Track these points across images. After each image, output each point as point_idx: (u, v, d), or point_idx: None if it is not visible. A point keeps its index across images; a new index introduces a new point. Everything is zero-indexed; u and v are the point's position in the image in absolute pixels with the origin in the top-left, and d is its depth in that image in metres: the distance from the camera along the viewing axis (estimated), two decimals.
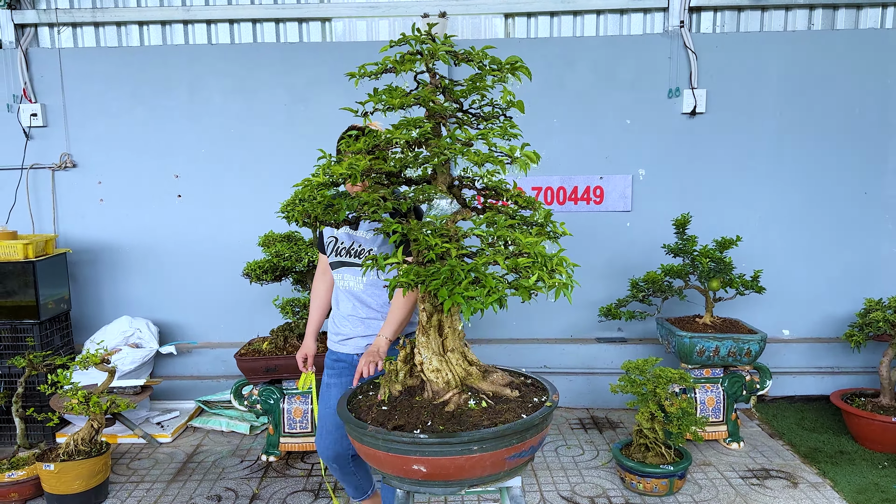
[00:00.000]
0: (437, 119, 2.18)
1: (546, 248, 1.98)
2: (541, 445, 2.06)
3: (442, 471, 1.95)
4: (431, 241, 1.99)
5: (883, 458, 4.25)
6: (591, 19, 5.19)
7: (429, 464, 1.93)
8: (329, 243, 3.04)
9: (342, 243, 2.99)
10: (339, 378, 3.05)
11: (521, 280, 1.88)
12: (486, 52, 2.18)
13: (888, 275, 5.21)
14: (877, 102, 5.04)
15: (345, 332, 3.02)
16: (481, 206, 2.24)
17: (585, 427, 4.85)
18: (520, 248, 1.94)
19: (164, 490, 3.99)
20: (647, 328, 5.24)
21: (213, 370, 5.29)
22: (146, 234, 5.25)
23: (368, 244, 2.94)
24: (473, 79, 2.15)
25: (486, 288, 1.84)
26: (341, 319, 3.04)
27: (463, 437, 1.90)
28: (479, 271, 1.89)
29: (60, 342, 4.81)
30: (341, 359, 3.06)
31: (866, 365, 5.19)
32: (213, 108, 5.12)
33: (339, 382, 3.04)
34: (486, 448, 1.92)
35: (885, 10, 5.08)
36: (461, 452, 1.91)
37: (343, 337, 3.03)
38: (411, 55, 2.14)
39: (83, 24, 5.21)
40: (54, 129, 5.13)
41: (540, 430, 2.04)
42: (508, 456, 1.96)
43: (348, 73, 2.24)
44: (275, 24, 5.22)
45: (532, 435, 2.00)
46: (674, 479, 3.77)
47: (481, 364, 2.24)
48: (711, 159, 5.13)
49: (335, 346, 3.07)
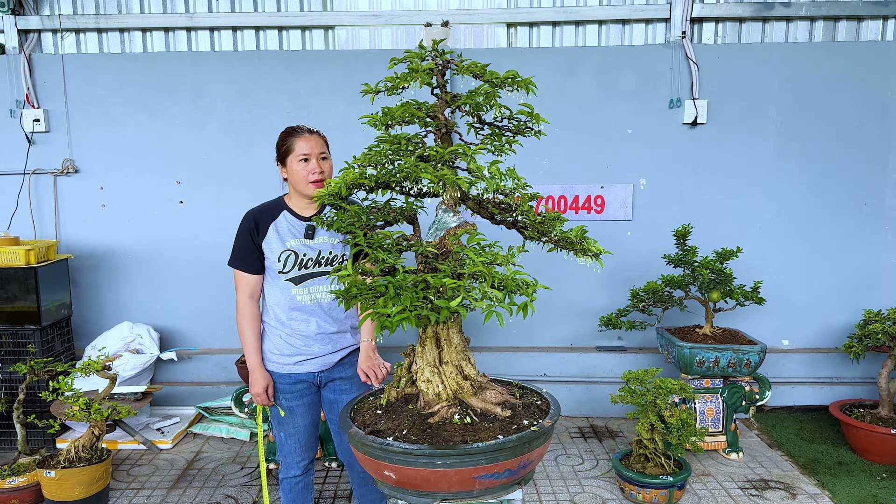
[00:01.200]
0: (443, 132, 2.19)
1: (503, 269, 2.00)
2: (524, 468, 2.01)
3: (409, 480, 1.99)
4: (380, 256, 2.01)
5: (881, 469, 4.26)
6: (593, 29, 5.21)
7: (397, 471, 1.98)
8: (285, 258, 2.85)
9: (305, 255, 2.85)
10: (302, 399, 2.96)
11: (440, 301, 1.89)
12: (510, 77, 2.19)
13: (887, 286, 5.23)
14: (877, 114, 5.06)
15: (311, 351, 2.90)
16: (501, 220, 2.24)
17: (585, 436, 4.86)
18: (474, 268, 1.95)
19: (165, 497, 3.99)
20: (647, 337, 5.26)
21: (213, 376, 5.30)
22: (148, 239, 5.26)
23: (340, 249, 2.86)
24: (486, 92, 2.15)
25: (401, 305, 1.86)
26: (304, 339, 2.88)
27: (425, 450, 1.92)
28: (407, 288, 1.91)
29: (61, 347, 4.82)
30: (302, 379, 2.93)
31: (865, 376, 5.21)
32: (216, 114, 5.14)
33: (303, 403, 2.97)
34: (451, 464, 1.92)
35: (886, 23, 5.11)
36: (424, 465, 1.93)
37: (306, 357, 2.90)
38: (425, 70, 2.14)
39: (86, 31, 5.23)
40: (57, 135, 5.14)
41: (517, 453, 1.98)
42: (477, 475, 1.95)
43: (363, 90, 2.22)
44: (278, 31, 5.24)
45: (506, 458, 1.96)
46: (673, 490, 3.78)
47: (479, 379, 2.22)
48: (712, 169, 5.15)
49: (291, 367, 2.91)
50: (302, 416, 2.98)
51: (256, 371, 2.93)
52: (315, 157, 2.83)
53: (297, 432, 3.00)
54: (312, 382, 2.97)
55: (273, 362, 2.94)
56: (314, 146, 2.84)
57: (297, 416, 2.98)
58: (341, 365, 2.97)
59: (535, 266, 5.44)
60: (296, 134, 2.87)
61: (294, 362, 2.91)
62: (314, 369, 2.92)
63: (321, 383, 3.00)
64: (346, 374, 2.98)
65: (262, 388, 2.91)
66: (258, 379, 2.92)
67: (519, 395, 2.33)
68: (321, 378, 2.97)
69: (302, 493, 3.11)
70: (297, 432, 3.00)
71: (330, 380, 2.98)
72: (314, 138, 2.87)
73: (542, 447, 2.06)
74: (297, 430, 3.00)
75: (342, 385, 2.97)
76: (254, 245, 2.89)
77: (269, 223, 2.90)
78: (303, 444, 3.03)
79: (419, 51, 2.18)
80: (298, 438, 3.01)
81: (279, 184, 5.09)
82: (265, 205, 2.99)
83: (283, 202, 2.96)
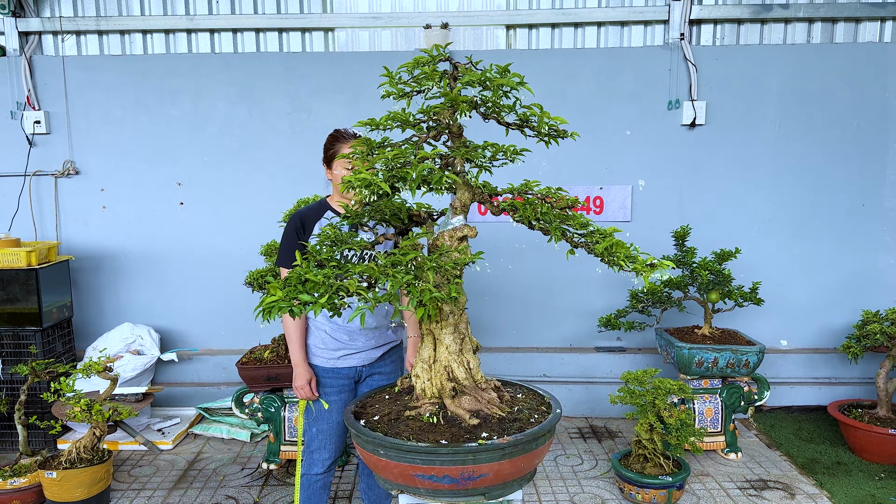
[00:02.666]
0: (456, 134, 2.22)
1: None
2: (471, 480, 1.97)
3: (367, 461, 2.13)
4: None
5: (879, 469, 4.28)
6: (592, 31, 5.23)
7: (360, 450, 2.16)
8: None
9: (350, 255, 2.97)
10: (340, 395, 3.05)
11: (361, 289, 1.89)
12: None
13: (885, 286, 5.24)
14: (875, 115, 5.07)
15: (355, 345, 3.00)
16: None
17: (584, 436, 4.88)
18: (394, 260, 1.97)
19: (166, 498, 4.01)
20: (646, 337, 5.27)
21: (214, 377, 5.31)
22: (148, 241, 5.27)
23: (381, 247, 2.92)
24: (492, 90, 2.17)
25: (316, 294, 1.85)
26: (349, 333, 2.99)
27: (368, 436, 2.05)
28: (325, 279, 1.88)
29: (62, 349, 4.83)
30: (344, 374, 3.04)
31: (863, 376, 5.23)
32: (216, 116, 5.15)
33: (340, 399, 3.05)
34: (390, 456, 2.00)
35: (884, 24, 5.13)
36: (371, 451, 2.06)
37: (350, 351, 3.01)
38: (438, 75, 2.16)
39: (87, 33, 5.25)
40: (57, 137, 5.16)
41: (455, 462, 1.96)
42: (414, 473, 1.99)
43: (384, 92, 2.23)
44: (278, 33, 5.26)
45: (443, 464, 1.96)
46: (672, 490, 3.80)
47: (465, 382, 2.21)
48: (711, 171, 5.17)
49: (334, 362, 3.02)
50: (337, 412, 3.06)
51: (300, 365, 3.02)
52: None
53: (330, 428, 3.07)
54: (353, 378, 3.07)
55: (318, 356, 3.04)
56: None
57: (332, 412, 3.05)
58: (382, 360, 3.09)
59: (534, 266, 5.44)
60: (342, 139, 2.97)
61: (339, 356, 3.01)
62: (357, 364, 3.03)
63: (361, 378, 3.10)
64: (385, 369, 3.11)
65: (304, 380, 3.00)
66: (301, 373, 3.01)
67: (518, 407, 2.25)
68: (362, 372, 3.07)
69: (319, 492, 3.17)
70: (329, 428, 3.07)
71: (370, 374, 3.09)
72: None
73: (496, 464, 1.99)
74: (330, 426, 3.07)
75: (380, 379, 3.08)
76: (301, 245, 2.98)
77: (314, 222, 2.98)
78: (332, 441, 3.10)
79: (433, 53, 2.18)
80: (329, 435, 3.08)
81: (278, 186, 5.14)
82: (310, 206, 3.08)
83: (326, 203, 3.05)
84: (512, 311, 5.33)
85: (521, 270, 5.27)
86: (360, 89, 5.07)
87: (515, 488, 2.14)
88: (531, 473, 2.19)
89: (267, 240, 4.48)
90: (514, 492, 2.15)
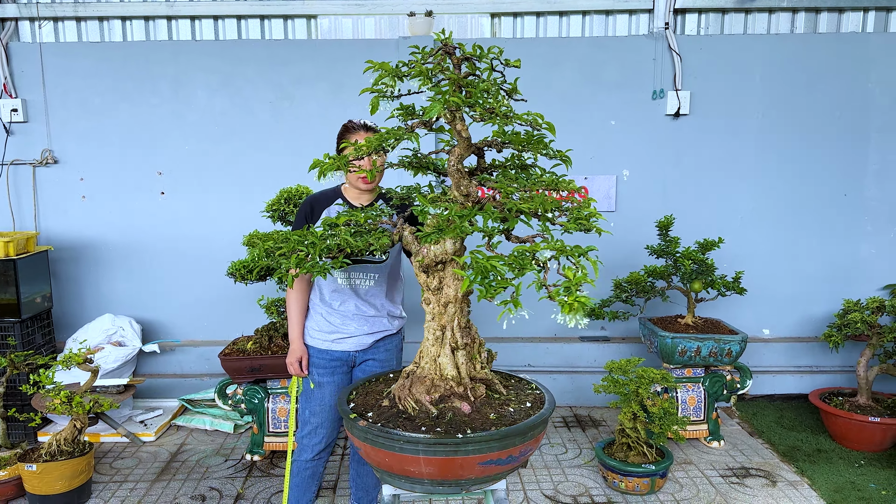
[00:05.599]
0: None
1: None
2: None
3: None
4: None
5: (859, 456, 4.33)
6: (577, 20, 5.21)
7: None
8: None
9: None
10: (333, 376, 3.10)
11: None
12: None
13: (866, 275, 5.29)
14: (857, 106, 5.10)
15: (347, 330, 3.05)
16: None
17: (569, 425, 4.89)
18: None
19: (148, 489, 3.98)
20: (630, 327, 5.29)
21: (196, 368, 5.27)
22: (129, 231, 5.21)
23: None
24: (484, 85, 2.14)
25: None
26: (342, 318, 3.04)
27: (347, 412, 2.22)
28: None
29: (42, 340, 4.77)
30: (338, 357, 3.08)
31: (844, 364, 5.28)
32: (197, 104, 5.09)
33: (333, 381, 3.10)
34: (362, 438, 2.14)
35: (867, 15, 5.15)
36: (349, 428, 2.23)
37: (343, 335, 3.05)
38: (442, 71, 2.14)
39: (65, 19, 5.16)
40: (35, 125, 5.07)
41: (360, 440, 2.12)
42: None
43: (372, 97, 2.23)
44: (260, 20, 5.20)
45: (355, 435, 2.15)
46: (655, 478, 3.82)
47: (441, 377, 2.23)
48: (695, 160, 5.18)
49: (329, 344, 3.07)
50: (330, 393, 3.11)
51: (295, 342, 3.12)
52: (367, 156, 2.97)
53: (323, 410, 3.12)
54: (346, 362, 3.11)
55: (313, 338, 3.10)
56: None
57: (325, 393, 3.10)
58: (375, 347, 3.12)
59: None
60: (353, 130, 3.00)
61: (332, 339, 3.06)
62: (350, 348, 3.07)
63: (355, 363, 3.14)
64: (379, 356, 3.14)
65: (296, 357, 3.10)
66: (294, 350, 3.11)
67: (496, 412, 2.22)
68: (355, 358, 3.11)
69: (307, 481, 3.20)
70: (322, 410, 3.12)
71: (363, 360, 3.13)
72: (369, 135, 2.98)
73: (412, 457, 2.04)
74: (323, 408, 3.11)
75: (373, 366, 3.12)
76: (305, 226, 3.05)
77: (323, 208, 3.05)
78: (325, 424, 3.14)
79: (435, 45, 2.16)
80: (323, 418, 3.12)
81: (261, 175, 5.09)
82: (325, 191, 3.13)
83: (340, 191, 3.10)
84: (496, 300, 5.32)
85: None
86: (344, 77, 5.02)
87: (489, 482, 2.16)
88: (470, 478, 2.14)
89: (249, 230, 4.43)
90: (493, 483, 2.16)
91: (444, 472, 2.02)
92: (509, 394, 2.36)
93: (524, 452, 2.13)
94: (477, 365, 2.31)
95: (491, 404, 2.24)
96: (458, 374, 2.25)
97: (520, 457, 2.12)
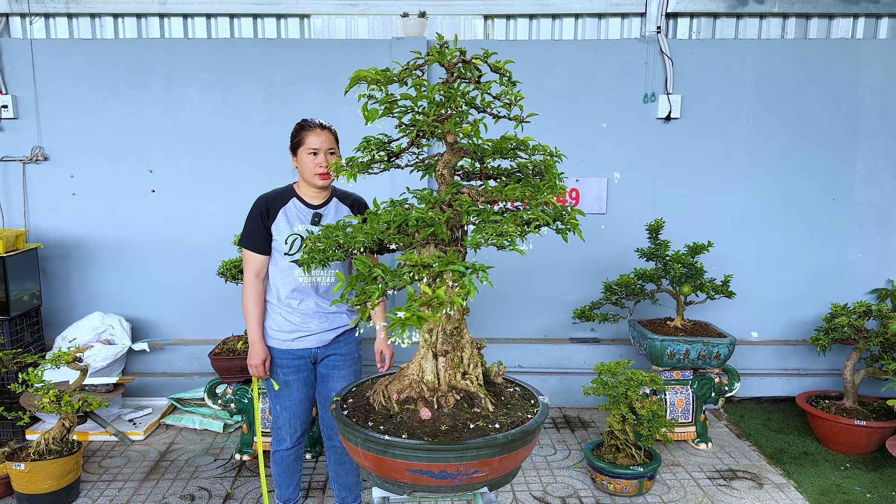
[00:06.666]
0: None
1: None
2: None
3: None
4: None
5: (845, 459, 4.37)
6: (570, 23, 5.23)
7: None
8: (291, 241, 3.05)
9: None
10: (298, 374, 3.17)
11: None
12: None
13: (854, 280, 5.34)
14: (846, 111, 5.14)
15: (308, 328, 3.10)
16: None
17: (558, 426, 4.92)
18: None
19: (137, 489, 3.97)
20: (620, 328, 5.32)
21: (186, 367, 5.26)
22: (119, 229, 5.19)
23: None
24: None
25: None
26: (302, 316, 3.09)
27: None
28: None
29: (31, 338, 4.75)
30: (300, 355, 3.14)
31: (831, 367, 5.32)
32: (189, 102, 5.07)
33: (299, 378, 3.17)
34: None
35: (856, 21, 5.19)
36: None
37: (304, 333, 3.11)
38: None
39: (56, 15, 5.13)
40: (25, 122, 5.04)
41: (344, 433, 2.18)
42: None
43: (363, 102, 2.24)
44: (252, 19, 5.19)
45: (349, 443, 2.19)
46: (643, 480, 3.84)
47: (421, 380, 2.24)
48: (685, 164, 5.21)
49: (289, 343, 3.12)
50: (297, 390, 3.19)
51: (256, 344, 3.13)
52: (323, 152, 3.00)
53: (293, 405, 3.20)
54: (309, 359, 3.17)
55: (273, 338, 3.14)
56: (324, 141, 3.00)
57: (292, 390, 3.17)
58: (336, 342, 3.18)
59: (511, 257, 5.47)
60: (308, 128, 3.02)
61: (293, 338, 3.11)
62: (311, 346, 3.13)
63: (317, 359, 3.20)
64: (340, 350, 3.20)
65: (259, 360, 3.12)
66: (257, 352, 3.13)
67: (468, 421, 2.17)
68: (317, 354, 3.17)
69: (293, 465, 3.35)
70: (291, 405, 3.20)
71: (325, 356, 3.19)
72: (325, 133, 3.02)
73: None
74: (293, 403, 3.20)
75: (335, 361, 3.18)
76: (263, 227, 3.07)
77: (279, 207, 3.07)
78: (297, 416, 3.24)
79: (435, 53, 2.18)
80: (294, 411, 3.22)
81: (252, 174, 5.08)
82: (277, 191, 3.16)
83: (293, 189, 3.14)
84: (487, 302, 5.34)
85: (496, 261, 5.27)
86: (336, 77, 5.02)
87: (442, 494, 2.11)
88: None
89: (240, 229, 4.42)
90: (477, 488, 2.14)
91: (379, 469, 2.06)
92: (497, 411, 2.21)
93: (463, 473, 2.01)
94: (458, 374, 2.24)
95: (459, 416, 2.14)
96: (435, 381, 2.22)
97: (458, 476, 2.01)
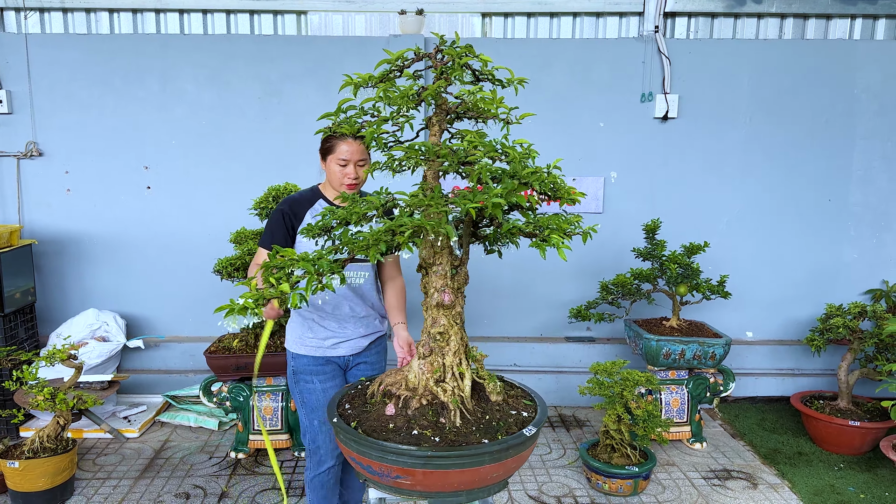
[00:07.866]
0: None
1: None
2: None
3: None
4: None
5: (839, 459, 4.39)
6: (568, 21, 5.22)
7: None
8: (323, 242, 2.94)
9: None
10: (334, 380, 3.03)
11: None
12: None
13: (849, 280, 5.35)
14: (843, 112, 5.15)
15: (344, 333, 2.98)
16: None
17: (553, 426, 4.92)
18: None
19: (132, 487, 3.96)
20: (616, 328, 5.32)
21: (181, 365, 5.25)
22: (114, 225, 5.17)
23: None
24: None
25: None
26: (338, 322, 2.97)
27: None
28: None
29: (25, 335, 4.73)
30: (333, 361, 3.01)
31: (825, 367, 5.34)
32: (185, 98, 5.05)
33: (335, 385, 3.02)
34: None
35: (854, 22, 5.20)
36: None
37: (340, 339, 2.98)
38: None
39: (51, 10, 5.10)
40: (20, 117, 5.01)
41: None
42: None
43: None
44: (249, 15, 5.16)
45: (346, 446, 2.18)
46: (638, 480, 3.85)
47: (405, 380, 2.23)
48: (682, 164, 5.21)
49: (325, 350, 2.97)
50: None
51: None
52: (353, 163, 2.88)
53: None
54: (341, 366, 3.05)
55: (308, 346, 2.98)
56: (354, 152, 2.88)
57: (329, 398, 2.98)
58: (368, 350, 3.08)
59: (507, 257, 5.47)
60: (341, 137, 2.90)
61: (329, 345, 2.98)
62: (346, 353, 3.00)
63: (348, 366, 3.08)
64: (371, 359, 3.10)
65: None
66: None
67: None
68: (349, 361, 3.05)
69: (333, 487, 3.11)
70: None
71: (356, 364, 3.08)
72: (356, 144, 2.88)
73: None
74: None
75: (365, 369, 3.08)
76: (286, 229, 2.93)
77: (306, 209, 2.95)
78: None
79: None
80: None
81: (248, 171, 5.07)
82: (301, 193, 3.03)
83: (319, 191, 3.02)
84: (483, 300, 5.33)
85: (493, 260, 5.27)
86: (333, 74, 5.00)
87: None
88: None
89: (236, 227, 4.42)
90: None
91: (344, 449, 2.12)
92: (464, 427, 2.04)
93: (386, 474, 1.95)
94: (432, 380, 2.16)
95: (417, 420, 2.06)
96: (416, 382, 2.19)
97: (383, 476, 1.96)
